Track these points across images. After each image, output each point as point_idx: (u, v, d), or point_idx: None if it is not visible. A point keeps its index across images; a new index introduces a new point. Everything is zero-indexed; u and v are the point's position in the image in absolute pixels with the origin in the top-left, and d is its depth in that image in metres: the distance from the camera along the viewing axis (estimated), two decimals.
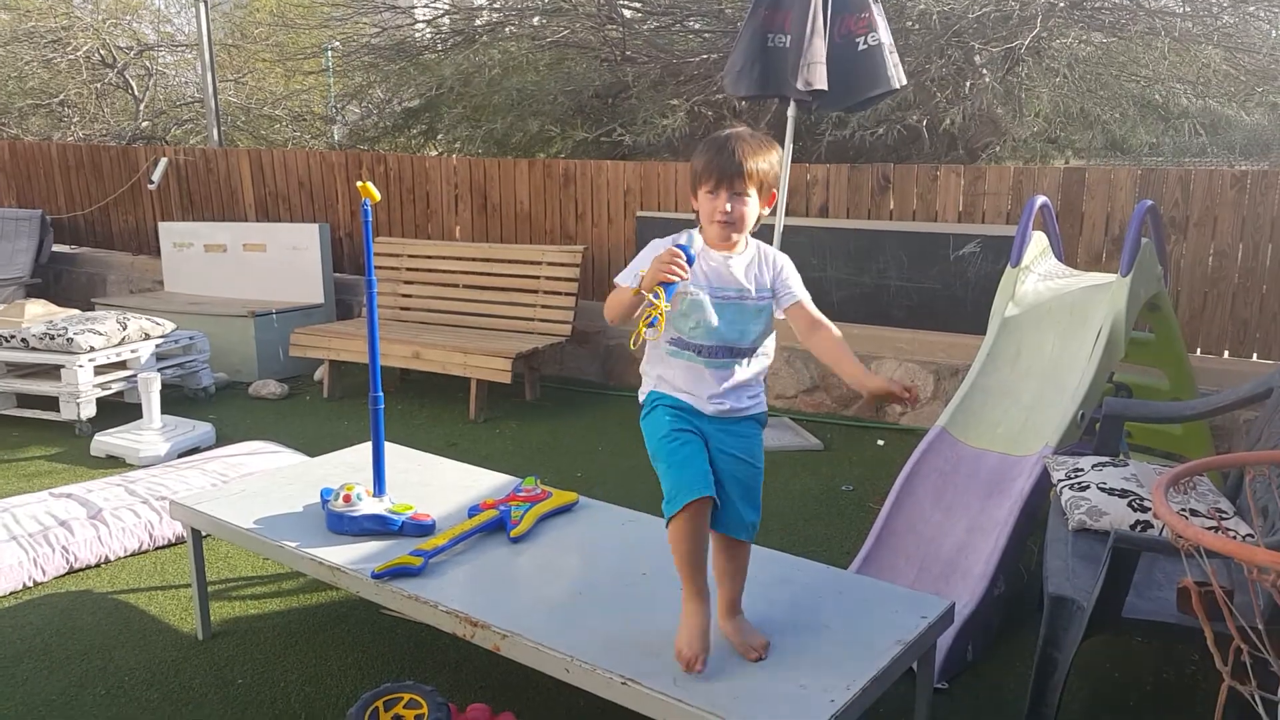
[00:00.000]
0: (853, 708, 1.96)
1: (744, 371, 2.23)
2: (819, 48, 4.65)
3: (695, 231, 2.18)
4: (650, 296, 2.01)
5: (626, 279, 2.16)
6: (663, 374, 2.25)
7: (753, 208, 2.16)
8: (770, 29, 4.77)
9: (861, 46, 4.73)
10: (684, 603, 2.18)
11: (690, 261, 2.05)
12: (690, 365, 2.20)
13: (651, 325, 2.00)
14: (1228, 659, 1.39)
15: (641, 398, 2.31)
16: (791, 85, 4.67)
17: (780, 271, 2.23)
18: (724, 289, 2.17)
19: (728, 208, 2.12)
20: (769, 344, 2.27)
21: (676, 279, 2.02)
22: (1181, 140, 7.93)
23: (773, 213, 5.24)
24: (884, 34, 4.77)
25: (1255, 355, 4.98)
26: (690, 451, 2.16)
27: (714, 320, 2.16)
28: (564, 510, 2.98)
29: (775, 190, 2.21)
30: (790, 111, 5.03)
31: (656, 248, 2.14)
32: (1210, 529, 2.29)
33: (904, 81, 4.92)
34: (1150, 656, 3.02)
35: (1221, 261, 4.99)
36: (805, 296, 2.24)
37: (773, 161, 2.16)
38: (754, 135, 2.18)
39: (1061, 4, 6.84)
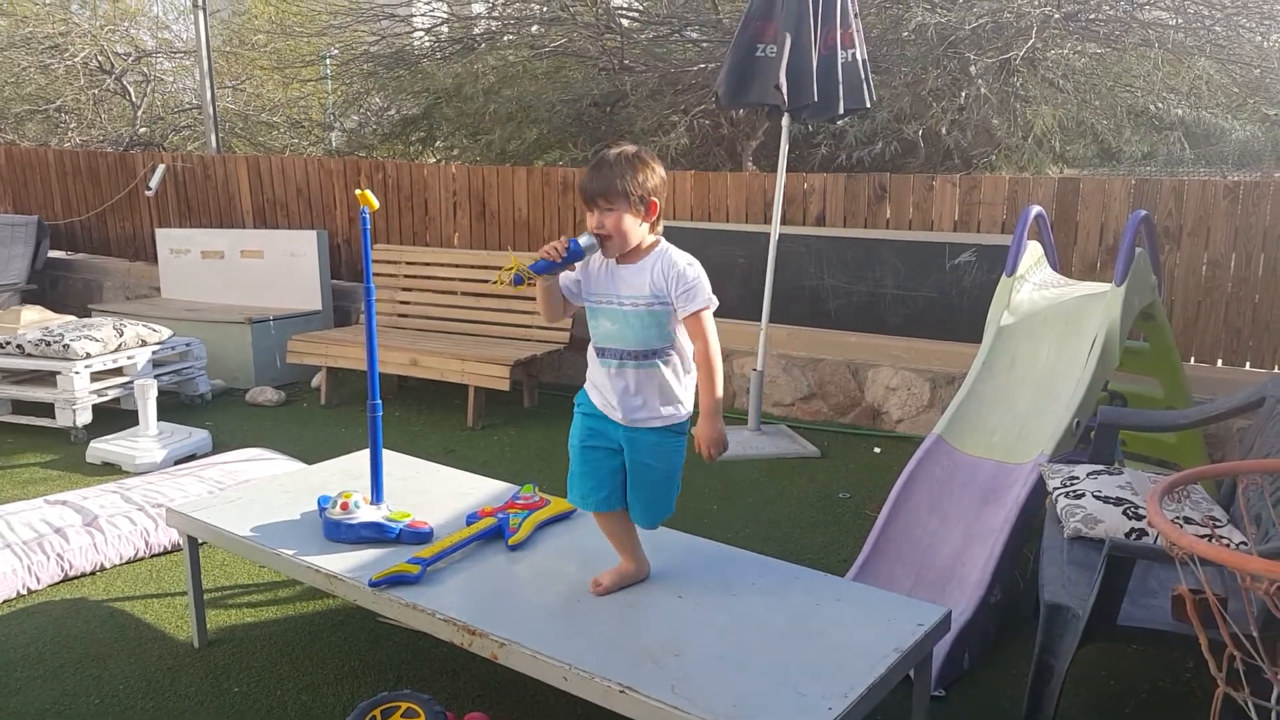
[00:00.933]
0: (850, 715, 1.97)
1: (642, 378, 2.37)
2: (802, 58, 4.69)
3: (590, 233, 2.33)
4: (513, 258, 2.33)
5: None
6: (591, 375, 2.49)
7: (628, 221, 2.31)
8: (761, 39, 4.81)
9: (844, 60, 4.78)
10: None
11: (572, 254, 2.28)
12: (601, 369, 2.43)
13: (516, 283, 2.30)
14: (1222, 666, 1.40)
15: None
16: (777, 94, 4.71)
17: (680, 280, 2.32)
18: (620, 295, 2.36)
19: (601, 223, 2.31)
20: (678, 353, 2.40)
21: (547, 256, 2.28)
22: (1175, 151, 7.97)
23: (768, 221, 5.28)
24: (861, 50, 4.85)
25: (1248, 364, 5.01)
26: (588, 469, 2.48)
27: (611, 326, 2.37)
28: (562, 518, 2.98)
29: (655, 200, 2.33)
30: (785, 122, 5.06)
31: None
32: (1204, 537, 2.30)
33: (873, 99, 5.01)
34: (1145, 664, 3.03)
35: (1215, 271, 5.01)
36: (695, 309, 2.33)
37: (645, 175, 2.31)
38: (625, 153, 2.33)
39: (1056, 15, 6.88)
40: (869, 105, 4.97)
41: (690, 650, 2.20)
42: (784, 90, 4.68)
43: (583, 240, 2.30)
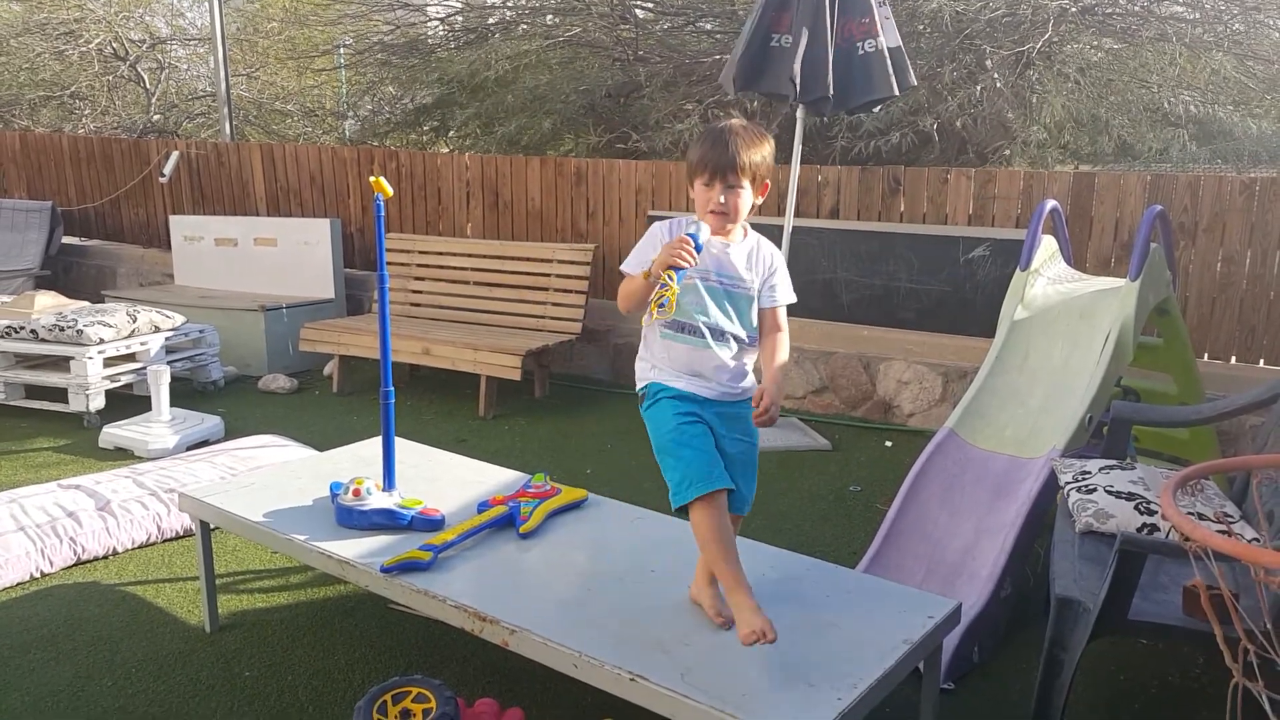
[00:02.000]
0: (859, 706, 1.97)
1: (741, 355, 2.31)
2: (819, 50, 4.67)
3: (702, 220, 2.22)
4: (665, 277, 2.11)
5: (633, 267, 2.26)
6: (662, 358, 2.30)
7: (746, 199, 2.23)
8: (776, 29, 4.79)
9: (861, 51, 4.75)
10: (729, 594, 2.20)
11: (699, 249, 2.14)
12: (692, 348, 2.26)
13: (662, 306, 2.11)
14: (1237, 659, 1.39)
15: (639, 386, 2.36)
16: (790, 86, 4.69)
17: (773, 271, 2.31)
18: (724, 275, 2.26)
19: (721, 199, 2.20)
20: (751, 338, 2.34)
21: (685, 264, 2.11)
22: (1190, 147, 7.92)
23: (781, 213, 5.27)
24: (889, 38, 4.79)
25: (1262, 361, 4.98)
26: (703, 443, 2.22)
27: (714, 304, 2.25)
28: (573, 507, 2.99)
29: (768, 181, 2.29)
30: (799, 114, 5.04)
31: (655, 235, 2.26)
32: (1218, 532, 2.29)
33: (910, 84, 4.94)
34: (1156, 659, 3.03)
35: (1230, 267, 4.98)
36: (784, 303, 2.32)
37: (765, 154, 2.24)
38: (747, 128, 2.25)
39: (1073, 9, 6.83)
40: (897, 93, 4.88)
41: (700, 639, 2.21)
42: (797, 82, 4.66)
43: (702, 235, 2.17)
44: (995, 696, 2.84)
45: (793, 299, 2.34)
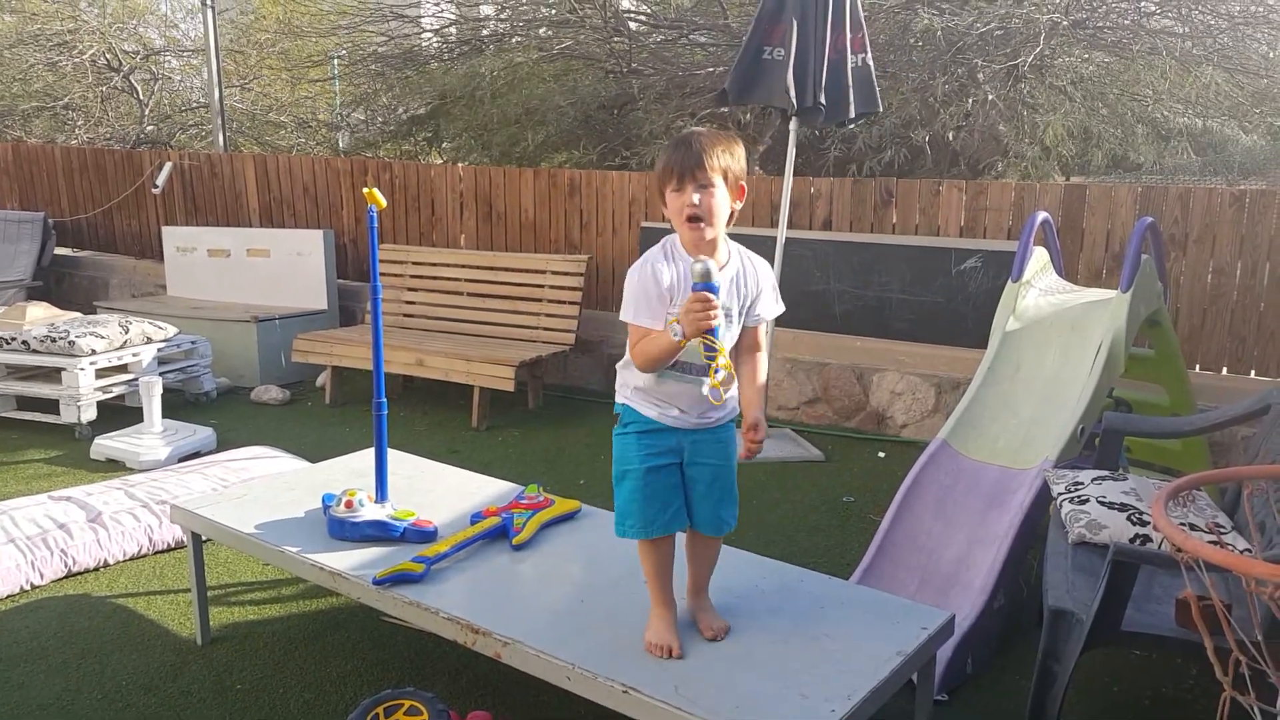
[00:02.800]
0: (854, 717, 1.97)
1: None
2: (811, 62, 4.70)
3: (708, 260, 2.06)
4: (719, 359, 2.01)
5: (640, 318, 2.13)
6: (635, 389, 2.25)
7: (721, 199, 2.10)
8: (768, 42, 4.81)
9: (854, 64, 4.78)
10: (653, 606, 2.29)
11: (715, 291, 2.04)
12: (675, 382, 2.20)
13: (722, 378, 2.01)
14: (1228, 671, 1.40)
15: (617, 402, 2.34)
16: (785, 98, 4.72)
17: (760, 292, 2.22)
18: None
19: (695, 199, 2.07)
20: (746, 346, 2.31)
21: (715, 323, 2.02)
22: (1181, 160, 7.97)
23: (775, 225, 5.28)
24: (869, 56, 4.86)
25: (1253, 372, 5.00)
26: (661, 494, 2.23)
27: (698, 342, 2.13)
28: (566, 518, 2.98)
29: (743, 184, 2.16)
30: (792, 125, 5.06)
31: (648, 279, 2.13)
32: (1210, 543, 2.30)
33: (879, 105, 5.01)
34: (1149, 671, 3.03)
35: (1220, 279, 5.01)
36: (767, 319, 2.26)
37: (736, 154, 2.14)
38: (713, 130, 2.19)
39: (1065, 23, 6.88)
40: (879, 109, 4.97)
41: (694, 651, 2.20)
42: (792, 93, 4.69)
43: (714, 277, 2.05)
44: (989, 708, 2.84)
45: (779, 310, 2.28)
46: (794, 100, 4.71)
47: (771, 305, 2.26)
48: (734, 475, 2.31)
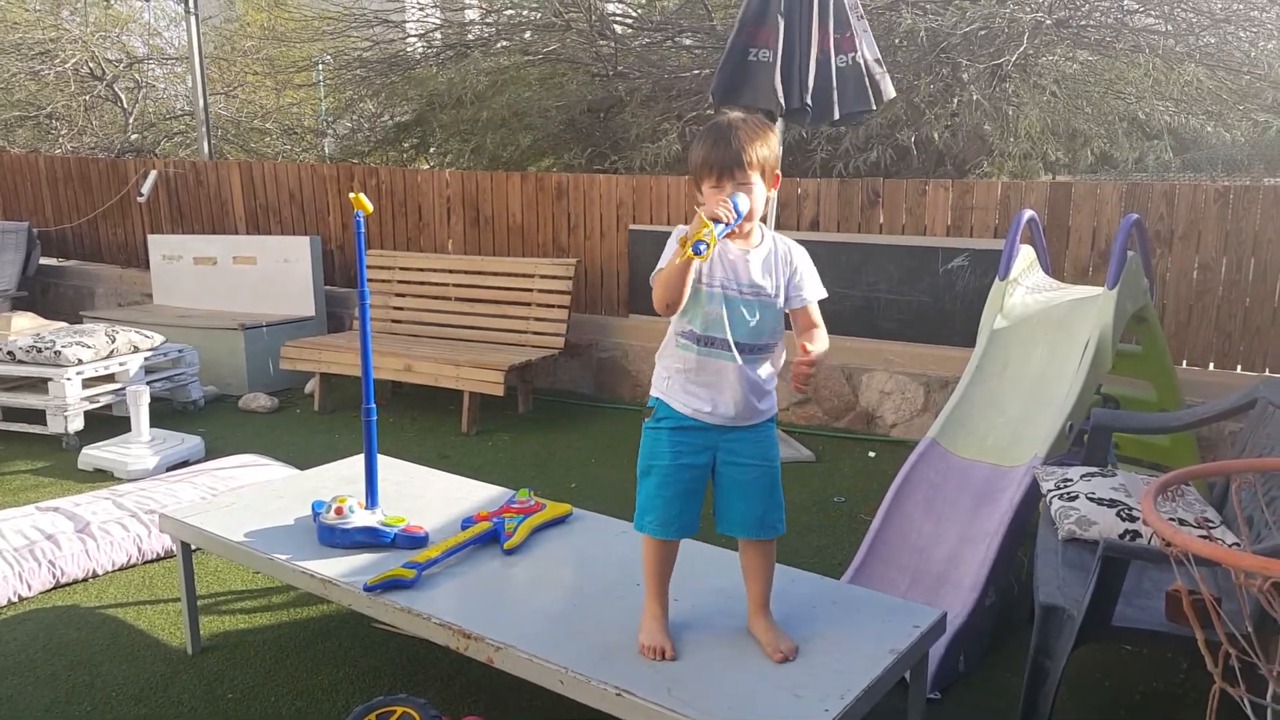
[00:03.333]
0: (847, 717, 1.97)
1: (760, 370, 2.21)
2: (797, 62, 4.71)
3: (741, 194, 2.08)
4: (706, 220, 1.99)
5: (659, 265, 2.14)
6: (676, 367, 2.21)
7: (759, 195, 2.12)
8: (753, 44, 4.82)
9: (840, 64, 4.79)
10: (646, 606, 2.29)
11: (739, 213, 2.04)
12: (705, 360, 2.17)
13: (697, 251, 1.96)
14: (1218, 663, 1.40)
15: (651, 396, 2.29)
16: (772, 99, 4.72)
17: (795, 271, 2.21)
18: (741, 284, 2.16)
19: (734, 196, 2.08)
20: (782, 343, 2.26)
21: (724, 219, 2.00)
22: (1165, 156, 8.02)
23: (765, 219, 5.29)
24: (867, 51, 4.83)
25: (1239, 367, 5.03)
26: (683, 496, 2.21)
27: (735, 315, 2.15)
28: (558, 522, 2.98)
29: (778, 172, 2.19)
30: (779, 127, 5.06)
31: (676, 235, 2.11)
32: (1199, 537, 2.31)
33: (889, 96, 4.97)
34: (1140, 666, 3.04)
35: (1206, 275, 5.03)
36: (814, 298, 2.24)
37: (772, 145, 2.14)
38: (748, 120, 2.15)
39: (1048, 22, 6.91)
40: (874, 107, 4.93)
41: (687, 654, 2.20)
42: (780, 95, 4.69)
43: (742, 206, 2.06)
44: (981, 705, 2.85)
45: (823, 294, 2.25)
46: (781, 101, 4.72)
47: (815, 287, 2.24)
48: (777, 476, 2.26)
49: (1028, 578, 3.27)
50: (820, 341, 2.21)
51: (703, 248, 1.96)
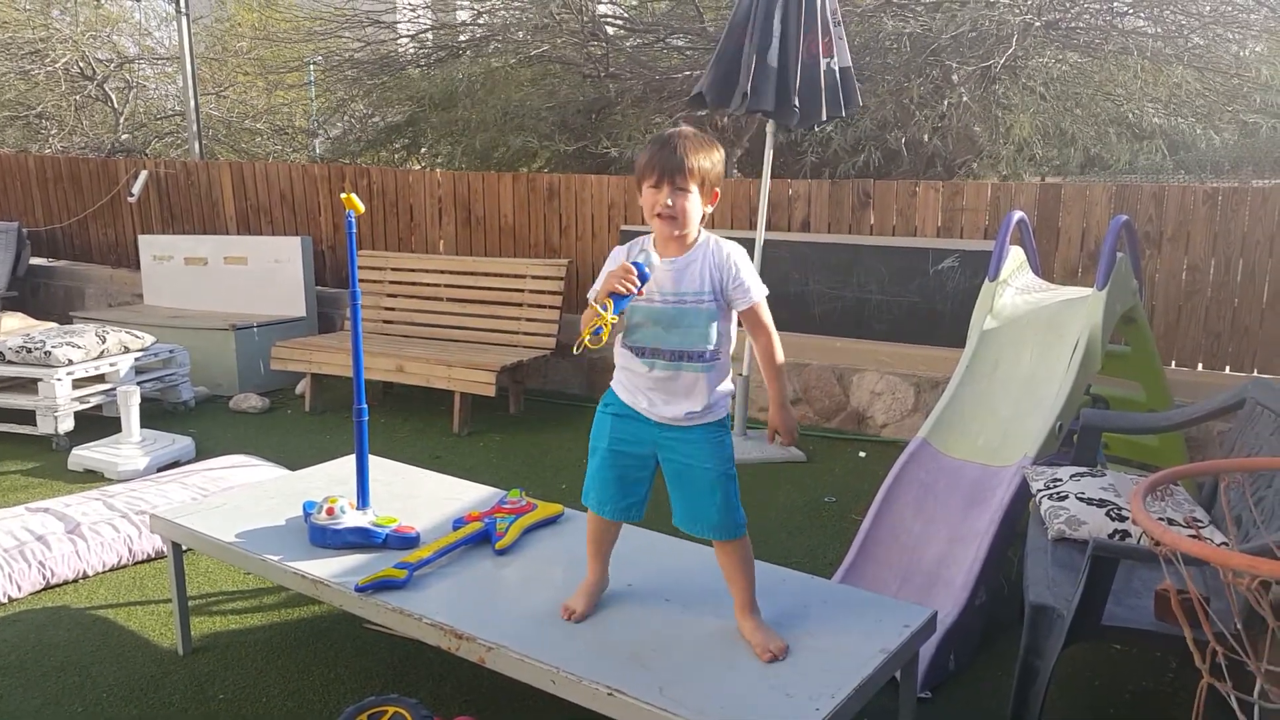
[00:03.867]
0: (838, 716, 1.98)
1: (697, 377, 2.24)
2: (786, 65, 4.72)
3: (651, 248, 2.21)
4: (598, 307, 2.10)
5: (592, 293, 2.25)
6: (622, 368, 2.33)
7: (694, 204, 2.19)
8: (743, 44, 4.83)
9: (825, 67, 4.81)
10: (584, 582, 2.45)
11: (644, 278, 2.14)
12: (641, 372, 2.27)
13: (596, 334, 2.08)
14: (1206, 659, 1.41)
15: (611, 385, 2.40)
16: (757, 100, 4.74)
17: (734, 274, 2.23)
18: (667, 291, 2.22)
19: (669, 202, 2.16)
20: (724, 353, 2.30)
21: (626, 292, 2.11)
22: (1154, 158, 8.05)
23: (753, 226, 5.30)
24: (841, 58, 4.88)
25: (1228, 368, 5.06)
26: (627, 475, 2.34)
27: (662, 327, 2.23)
28: (549, 522, 2.98)
29: (718, 189, 2.26)
30: (769, 128, 5.08)
31: (616, 258, 2.24)
32: (1188, 536, 2.32)
33: (858, 106, 5.04)
34: (1129, 665, 3.05)
35: (1194, 276, 5.06)
36: (759, 298, 2.27)
37: (715, 160, 2.22)
38: (697, 134, 2.23)
39: (1037, 24, 6.94)
40: (843, 114, 5.01)
41: (678, 653, 2.21)
42: (766, 96, 4.71)
43: (650, 263, 2.16)
44: (972, 704, 2.86)
45: (764, 291, 2.28)
46: (774, 105, 4.73)
47: (757, 287, 2.26)
48: (710, 477, 2.27)
49: (1018, 577, 3.28)
50: (776, 351, 2.32)
51: (600, 333, 2.08)
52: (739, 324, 2.32)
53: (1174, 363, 5.13)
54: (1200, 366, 5.12)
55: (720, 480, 2.28)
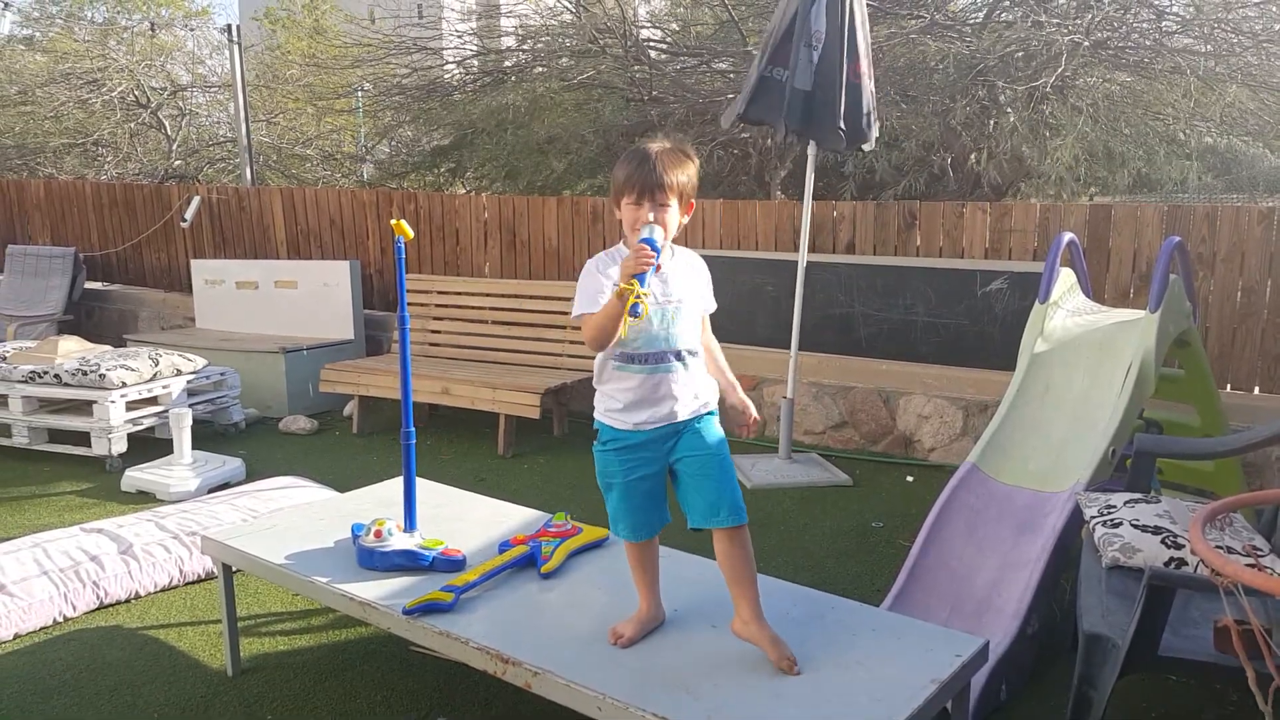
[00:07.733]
0: None
1: (697, 368, 2.37)
2: (831, 87, 4.72)
3: (654, 224, 2.24)
4: (632, 284, 2.12)
5: (586, 306, 2.28)
6: (614, 391, 2.35)
7: (673, 216, 2.29)
8: (774, 63, 4.84)
9: (868, 89, 4.81)
10: (640, 604, 2.47)
11: (656, 250, 2.17)
12: (646, 376, 2.31)
13: (635, 314, 2.12)
14: (1268, 699, 1.37)
15: (595, 421, 2.43)
16: (790, 118, 4.75)
17: (707, 279, 2.45)
18: (671, 294, 2.32)
19: (650, 217, 2.24)
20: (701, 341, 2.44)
21: (648, 268, 2.15)
22: (1206, 178, 7.91)
23: (796, 248, 5.29)
24: (873, 84, 4.90)
25: None
26: (649, 495, 2.39)
27: (663, 325, 2.30)
28: (594, 546, 2.98)
29: (693, 200, 2.35)
30: (810, 150, 5.07)
31: (592, 270, 2.32)
32: (1247, 566, 2.26)
33: (875, 136, 5.02)
34: (1187, 695, 2.98)
35: (1250, 297, 4.96)
36: (711, 309, 2.48)
37: (690, 173, 2.31)
38: (671, 149, 2.31)
39: (1086, 43, 6.87)
40: (861, 144, 5.01)
41: (725, 681, 2.19)
42: (810, 119, 4.70)
43: (656, 236, 2.20)
44: None
45: (713, 305, 2.47)
46: (816, 127, 4.73)
47: (709, 299, 2.46)
48: (725, 458, 2.36)
49: (1070, 605, 3.22)
50: (718, 352, 2.51)
51: (639, 309, 2.12)
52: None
53: (1229, 386, 5.02)
54: (1257, 390, 5.00)
55: (729, 462, 2.38)
